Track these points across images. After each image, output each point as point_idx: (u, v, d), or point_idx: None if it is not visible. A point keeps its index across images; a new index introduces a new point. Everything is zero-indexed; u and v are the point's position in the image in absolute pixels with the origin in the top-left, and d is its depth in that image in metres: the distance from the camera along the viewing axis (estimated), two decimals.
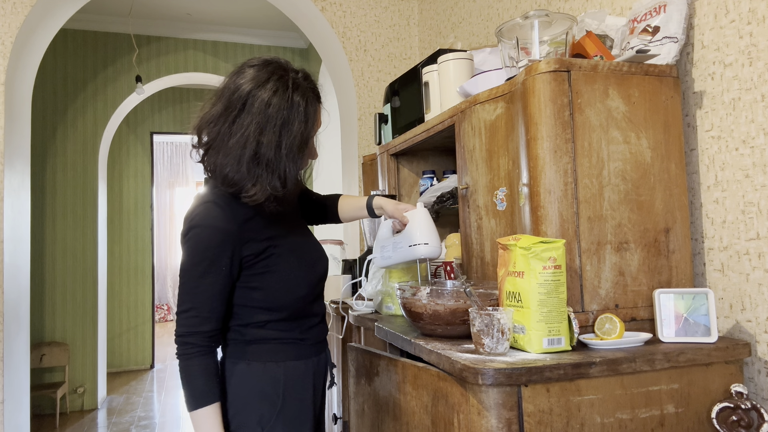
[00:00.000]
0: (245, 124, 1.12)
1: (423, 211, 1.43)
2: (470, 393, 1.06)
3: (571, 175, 1.27)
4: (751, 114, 1.27)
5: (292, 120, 1.14)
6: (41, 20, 2.92)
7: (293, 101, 1.14)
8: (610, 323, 1.20)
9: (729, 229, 1.33)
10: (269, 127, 1.12)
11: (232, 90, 1.15)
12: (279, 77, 1.15)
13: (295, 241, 1.27)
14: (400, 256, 1.46)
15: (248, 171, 1.13)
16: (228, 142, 1.13)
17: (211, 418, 1.14)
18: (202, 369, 1.14)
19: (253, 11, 4.83)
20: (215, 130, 1.15)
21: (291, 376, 1.23)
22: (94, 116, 4.80)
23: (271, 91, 1.13)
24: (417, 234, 1.40)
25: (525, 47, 1.44)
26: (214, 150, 1.16)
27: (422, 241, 1.39)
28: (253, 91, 1.13)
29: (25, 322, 2.93)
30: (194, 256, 1.15)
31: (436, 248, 1.40)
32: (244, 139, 1.12)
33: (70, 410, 4.60)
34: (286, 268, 1.22)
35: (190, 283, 1.15)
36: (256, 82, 1.14)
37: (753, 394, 1.26)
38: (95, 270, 4.69)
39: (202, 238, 1.15)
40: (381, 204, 1.48)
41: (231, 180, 1.15)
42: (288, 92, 1.14)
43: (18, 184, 2.84)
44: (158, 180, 9.24)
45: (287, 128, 1.13)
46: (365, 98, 3.20)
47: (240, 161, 1.12)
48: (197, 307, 1.14)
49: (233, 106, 1.14)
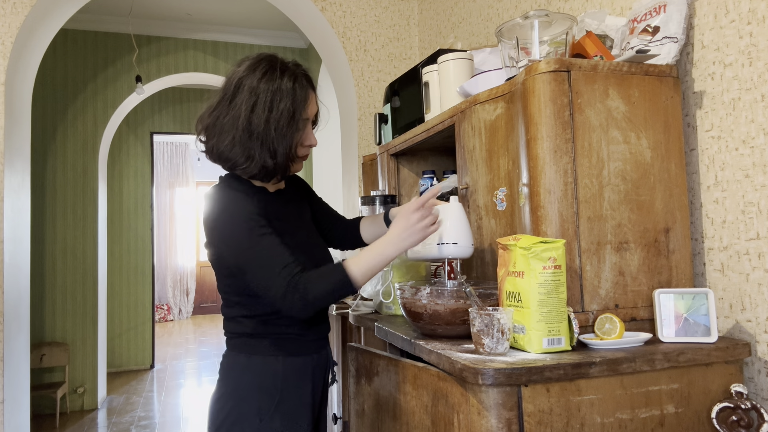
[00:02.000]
0: (237, 105, 1.22)
1: (456, 206, 1.37)
2: (470, 393, 1.06)
3: (571, 175, 1.27)
4: (751, 114, 1.27)
5: (279, 96, 1.22)
6: (41, 20, 2.92)
7: (281, 82, 1.23)
8: (610, 323, 1.20)
9: (729, 229, 1.33)
10: (259, 104, 1.21)
11: (228, 80, 1.27)
12: (269, 63, 1.26)
13: (303, 238, 1.33)
14: (428, 252, 1.39)
15: (241, 145, 1.22)
16: (223, 121, 1.24)
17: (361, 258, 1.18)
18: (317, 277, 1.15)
19: (253, 11, 4.83)
20: (214, 115, 1.26)
21: (290, 370, 1.26)
22: (94, 116, 4.80)
23: (261, 73, 1.23)
24: (448, 231, 1.34)
25: (525, 47, 1.44)
26: (213, 132, 1.25)
27: (451, 240, 1.34)
28: (245, 76, 1.24)
29: (25, 322, 2.93)
30: (237, 233, 1.17)
31: (467, 248, 1.34)
32: (236, 117, 1.22)
33: (70, 410, 4.60)
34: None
35: (257, 253, 1.15)
36: (248, 67, 1.25)
37: (753, 394, 1.26)
38: (95, 270, 4.69)
39: (233, 218, 1.19)
40: (397, 211, 1.48)
41: (226, 156, 1.24)
42: (275, 74, 1.24)
43: (18, 184, 2.84)
44: (158, 180, 9.24)
45: (275, 104, 1.22)
46: (365, 98, 3.20)
47: (234, 137, 1.22)
48: (280, 256, 1.15)
49: (228, 90, 1.25)
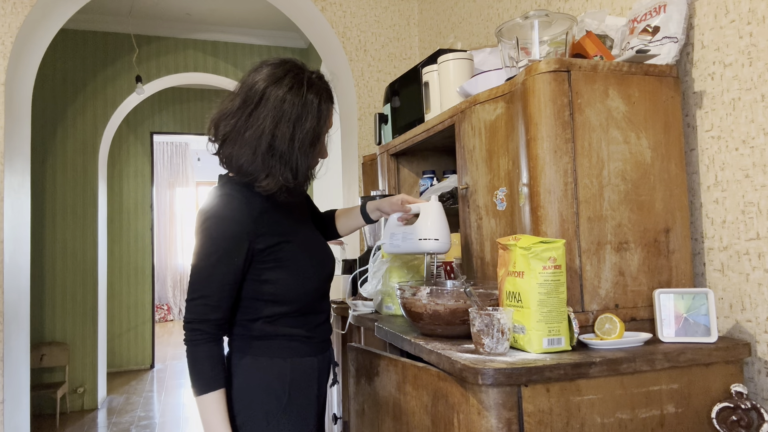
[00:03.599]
0: (261, 117, 1.17)
1: (436, 205, 1.44)
2: (470, 393, 1.06)
3: (571, 175, 1.27)
4: (751, 114, 1.27)
5: (305, 115, 1.18)
6: (41, 20, 2.92)
7: (307, 98, 1.19)
8: (610, 323, 1.20)
9: (729, 229, 1.33)
10: (284, 121, 1.17)
11: (249, 86, 1.20)
12: (295, 75, 1.20)
13: (306, 236, 1.32)
14: (409, 247, 1.48)
15: (263, 162, 1.18)
16: (244, 134, 1.18)
17: (217, 404, 1.16)
18: (209, 355, 1.17)
19: (253, 11, 4.83)
20: (232, 123, 1.20)
21: (297, 372, 1.25)
22: (94, 116, 4.80)
23: (287, 87, 1.18)
24: (427, 228, 1.42)
25: (525, 47, 1.44)
26: (230, 141, 1.20)
27: (432, 236, 1.42)
28: (269, 87, 1.18)
29: (25, 322, 2.93)
30: (209, 246, 1.18)
31: (446, 244, 1.42)
32: (259, 132, 1.17)
33: (70, 410, 4.60)
34: (298, 262, 1.25)
35: (202, 272, 1.18)
36: (273, 78, 1.19)
37: (753, 394, 1.26)
38: (95, 270, 4.69)
39: (217, 229, 1.18)
40: (377, 206, 1.51)
41: (246, 170, 1.20)
42: (303, 89, 1.19)
43: (18, 184, 2.84)
44: (158, 180, 9.24)
45: (300, 123, 1.18)
46: (365, 98, 3.20)
47: (255, 152, 1.17)
48: (207, 296, 1.17)
49: (250, 100, 1.19)
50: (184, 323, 1.18)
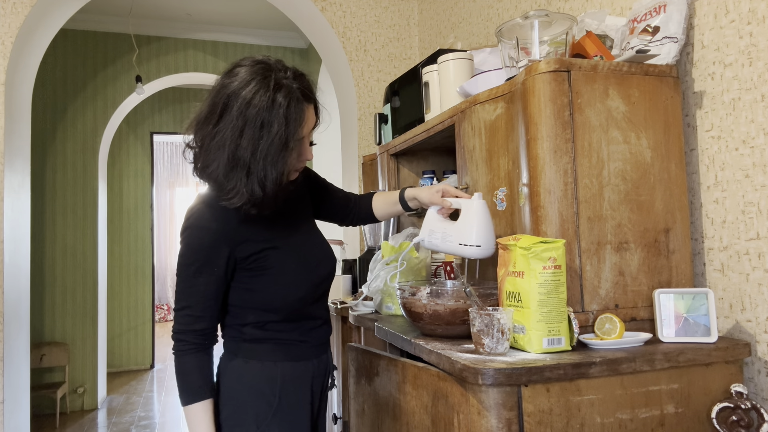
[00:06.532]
0: (224, 127, 1.10)
1: (479, 204, 1.31)
2: (470, 393, 1.06)
3: (571, 175, 1.27)
4: (751, 114, 1.27)
5: (271, 122, 1.09)
6: (41, 20, 2.92)
7: (274, 102, 1.09)
8: (610, 323, 1.20)
9: (729, 229, 1.33)
10: (247, 130, 1.08)
11: (217, 89, 1.13)
12: (263, 77, 1.11)
13: (297, 242, 1.26)
14: (448, 249, 1.35)
15: (225, 175, 1.10)
16: (210, 144, 1.12)
17: (204, 414, 1.16)
18: (196, 365, 1.17)
19: (253, 11, 4.83)
20: (201, 132, 1.14)
21: (288, 376, 1.22)
22: (94, 116, 4.80)
23: (252, 91, 1.09)
24: (470, 232, 1.29)
25: (525, 47, 1.44)
26: (202, 150, 1.15)
27: (473, 242, 1.28)
28: (235, 92, 1.10)
29: (25, 322, 2.93)
30: (188, 255, 1.17)
31: (489, 249, 1.30)
32: (222, 142, 1.09)
33: (70, 410, 4.60)
34: (284, 270, 1.21)
35: (184, 282, 1.17)
36: (240, 82, 1.11)
37: (753, 394, 1.26)
38: (95, 270, 4.69)
39: (196, 238, 1.16)
40: (414, 194, 1.44)
41: (213, 182, 1.14)
42: (269, 93, 1.09)
43: (18, 184, 2.84)
44: (158, 180, 9.24)
45: (266, 130, 1.09)
46: (365, 98, 3.20)
47: (218, 164, 1.11)
48: (191, 306, 1.17)
49: (216, 106, 1.12)
50: (172, 333, 1.18)
